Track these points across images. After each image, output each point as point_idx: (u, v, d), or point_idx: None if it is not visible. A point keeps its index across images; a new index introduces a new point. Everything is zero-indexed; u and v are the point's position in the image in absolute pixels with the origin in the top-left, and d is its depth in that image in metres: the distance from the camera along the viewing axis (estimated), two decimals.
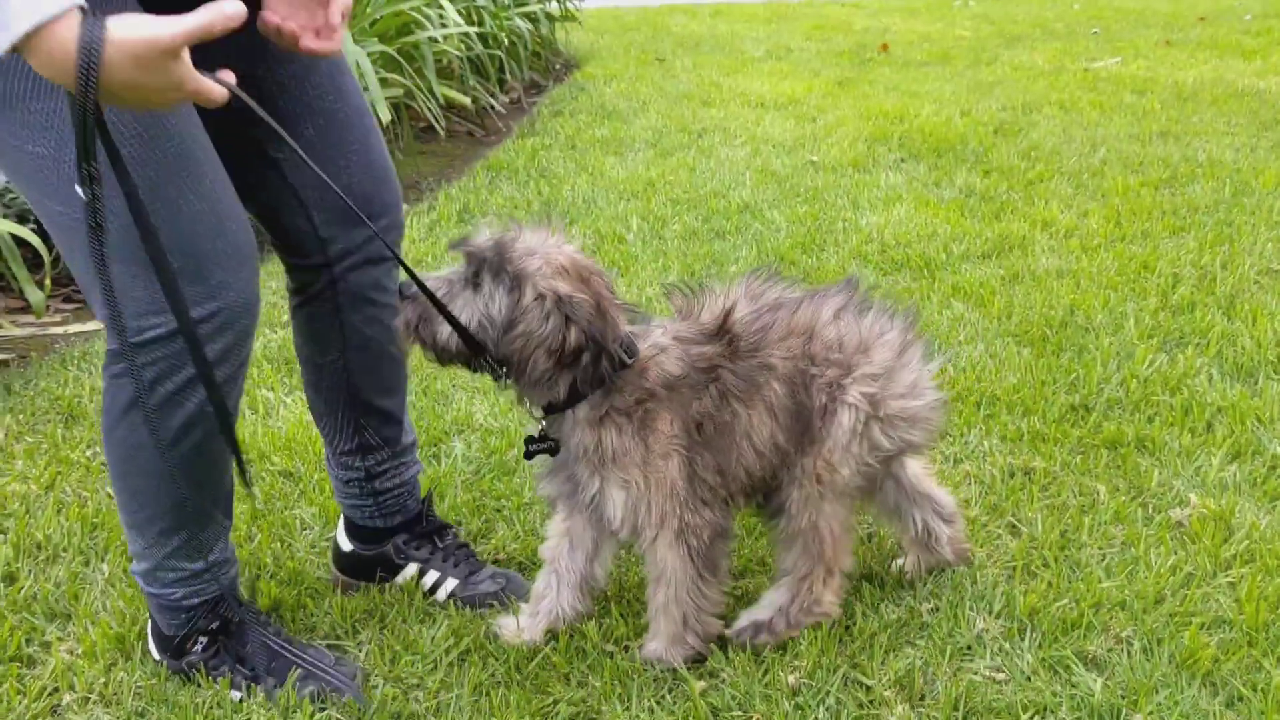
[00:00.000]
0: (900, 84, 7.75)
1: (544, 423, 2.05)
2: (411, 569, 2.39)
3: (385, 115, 4.95)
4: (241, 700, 2.05)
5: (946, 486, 2.64)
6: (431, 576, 2.38)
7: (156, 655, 2.15)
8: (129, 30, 1.43)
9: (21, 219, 4.06)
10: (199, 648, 2.10)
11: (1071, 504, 2.62)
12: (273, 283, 3.83)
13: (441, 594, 2.36)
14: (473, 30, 6.48)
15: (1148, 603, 2.25)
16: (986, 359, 3.36)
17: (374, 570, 2.40)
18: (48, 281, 3.93)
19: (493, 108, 6.69)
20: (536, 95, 7.66)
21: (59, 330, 3.90)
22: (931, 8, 12.36)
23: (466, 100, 6.26)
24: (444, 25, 6.08)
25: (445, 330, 1.91)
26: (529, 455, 2.07)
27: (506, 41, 7.33)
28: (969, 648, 2.16)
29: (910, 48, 9.38)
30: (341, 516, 2.43)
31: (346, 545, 2.41)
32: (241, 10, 1.48)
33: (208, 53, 1.55)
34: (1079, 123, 6.42)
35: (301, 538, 2.59)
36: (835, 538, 2.13)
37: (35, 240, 3.89)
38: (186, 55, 1.48)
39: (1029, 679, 2.07)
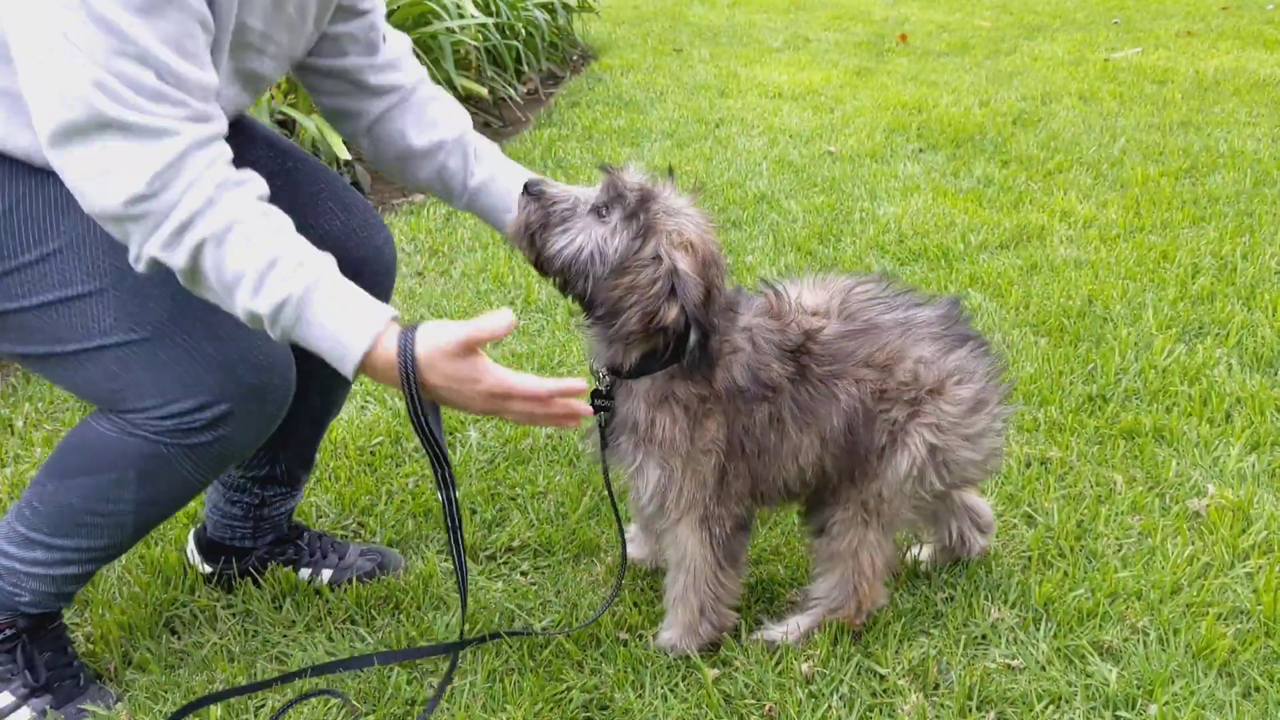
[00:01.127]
0: (919, 74, 7.70)
1: (604, 382, 1.99)
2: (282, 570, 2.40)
3: None
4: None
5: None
6: (305, 573, 2.39)
7: None
8: (430, 332, 1.68)
9: None
10: None
11: (1088, 494, 2.60)
12: None
13: (324, 581, 2.37)
14: (490, 21, 6.48)
15: (1164, 593, 2.24)
16: (1004, 348, 3.34)
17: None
18: None
19: (510, 98, 6.68)
20: (554, 86, 7.65)
21: None
22: None
23: (484, 91, 6.25)
24: (461, 16, 6.07)
25: (561, 243, 1.84)
26: (595, 409, 1.99)
27: (524, 32, 7.32)
28: (984, 637, 2.15)
29: (929, 38, 9.33)
30: (194, 530, 2.41)
31: (196, 559, 2.40)
32: (513, 321, 1.71)
33: None
34: (1099, 113, 6.37)
35: (317, 526, 2.59)
36: (875, 571, 2.11)
37: None
38: (483, 356, 1.71)
39: (1044, 668, 2.06)
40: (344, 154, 4.75)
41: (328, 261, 1.66)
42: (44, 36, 1.45)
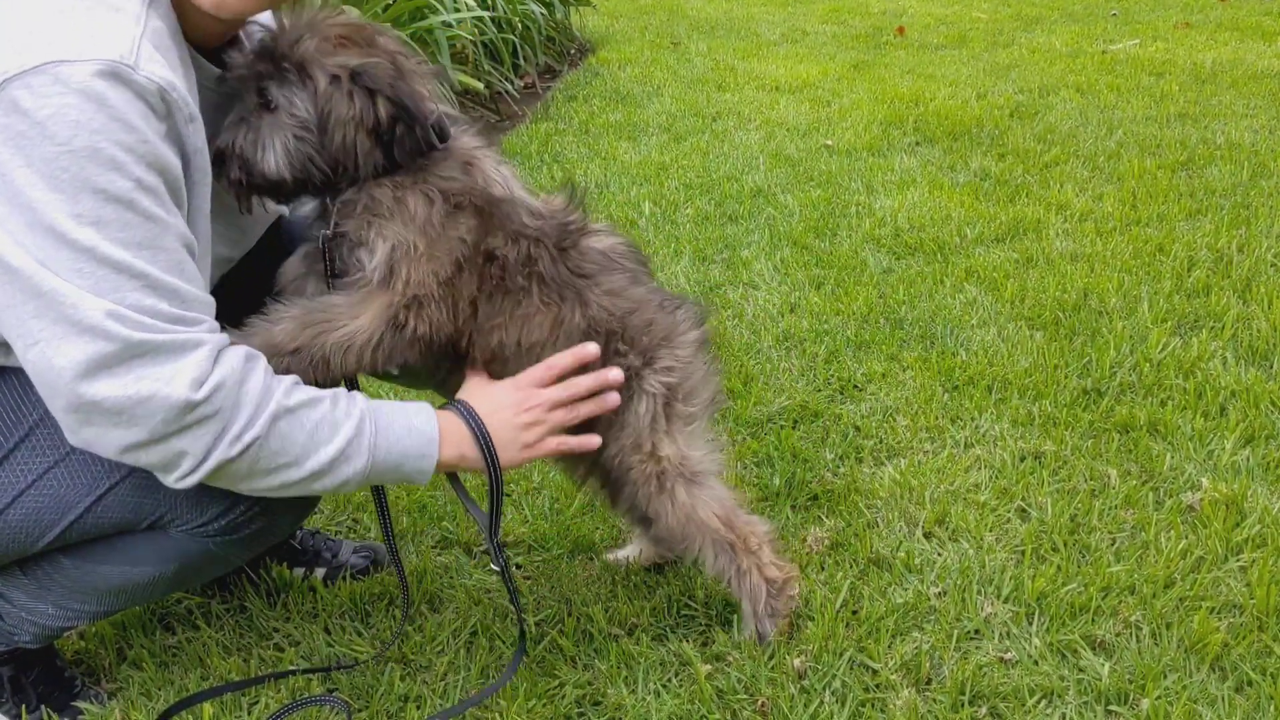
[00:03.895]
0: (916, 67, 7.70)
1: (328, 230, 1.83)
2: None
3: None
4: None
5: (957, 471, 2.65)
6: (299, 570, 2.39)
7: None
8: (478, 395, 1.85)
9: None
10: None
11: (1082, 488, 2.61)
12: None
13: (318, 578, 2.38)
14: (486, 15, 6.47)
15: (1157, 587, 2.24)
16: (999, 343, 3.34)
17: None
18: None
19: (507, 93, 6.67)
20: (551, 80, 7.64)
21: None
22: None
23: (480, 85, 6.24)
24: (457, 10, 6.06)
25: (269, 158, 1.73)
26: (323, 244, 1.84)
27: (520, 26, 7.30)
28: (976, 632, 2.15)
29: (927, 31, 9.32)
30: None
31: None
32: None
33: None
34: (1096, 105, 6.36)
35: (311, 524, 2.60)
36: (725, 512, 2.05)
37: None
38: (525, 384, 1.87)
39: (1036, 663, 2.06)
40: None
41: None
42: (50, 282, 1.43)
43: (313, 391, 1.66)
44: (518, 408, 1.85)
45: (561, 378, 1.88)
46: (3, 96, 1.39)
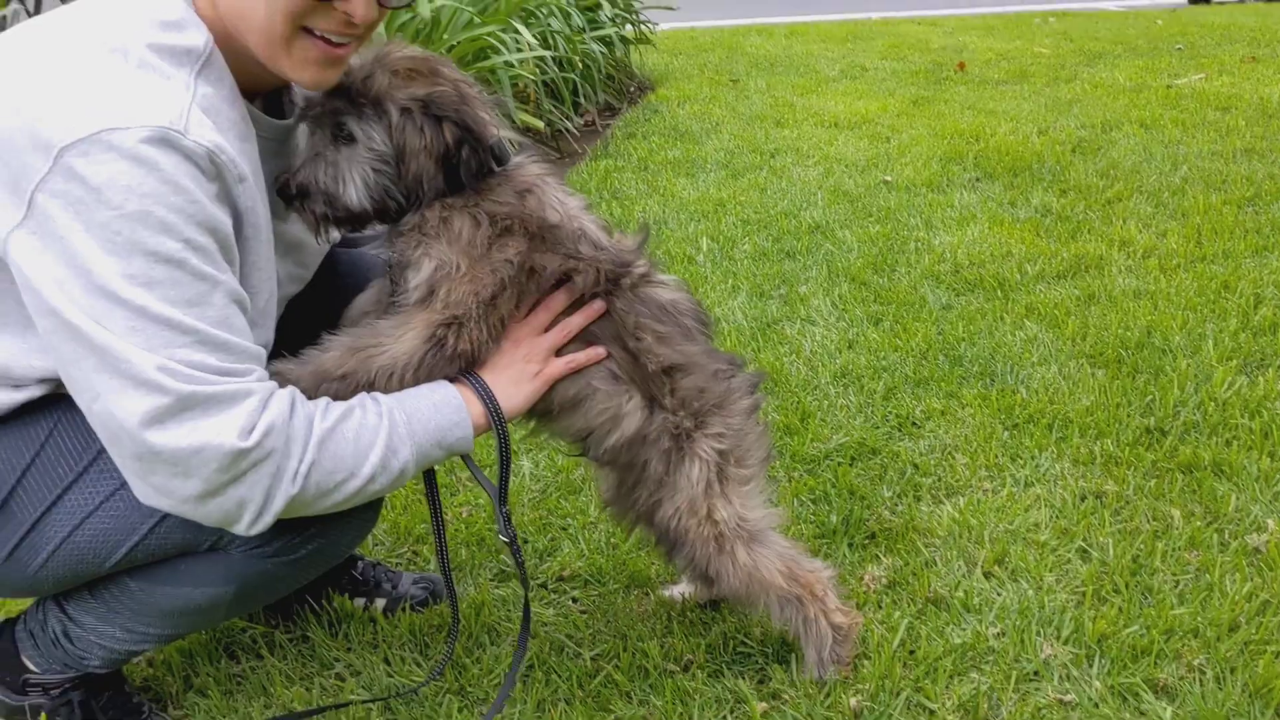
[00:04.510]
0: (977, 102, 7.67)
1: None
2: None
3: None
4: None
5: (1017, 510, 2.62)
6: (359, 601, 2.43)
7: None
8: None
9: None
10: (47, 694, 2.04)
11: (1144, 529, 2.57)
12: None
13: (378, 609, 2.42)
14: (548, 55, 6.57)
15: (1221, 630, 2.20)
16: (1060, 380, 3.32)
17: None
18: None
19: (567, 130, 6.76)
20: (610, 118, 7.73)
21: None
22: (1010, 25, 12.22)
23: (541, 124, 6.33)
24: (520, 50, 6.17)
25: (349, 191, 1.80)
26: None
27: (581, 65, 7.40)
28: (1036, 673, 2.13)
29: (987, 66, 9.28)
30: None
31: None
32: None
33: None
34: (1160, 140, 6.30)
35: (373, 555, 2.64)
36: (787, 565, 2.06)
37: None
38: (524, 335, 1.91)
39: (1097, 706, 2.04)
40: None
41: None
42: (107, 339, 1.50)
43: (341, 406, 1.72)
44: (523, 359, 1.90)
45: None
46: (60, 164, 1.47)
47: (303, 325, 1.94)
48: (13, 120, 1.50)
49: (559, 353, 1.92)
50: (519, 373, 1.89)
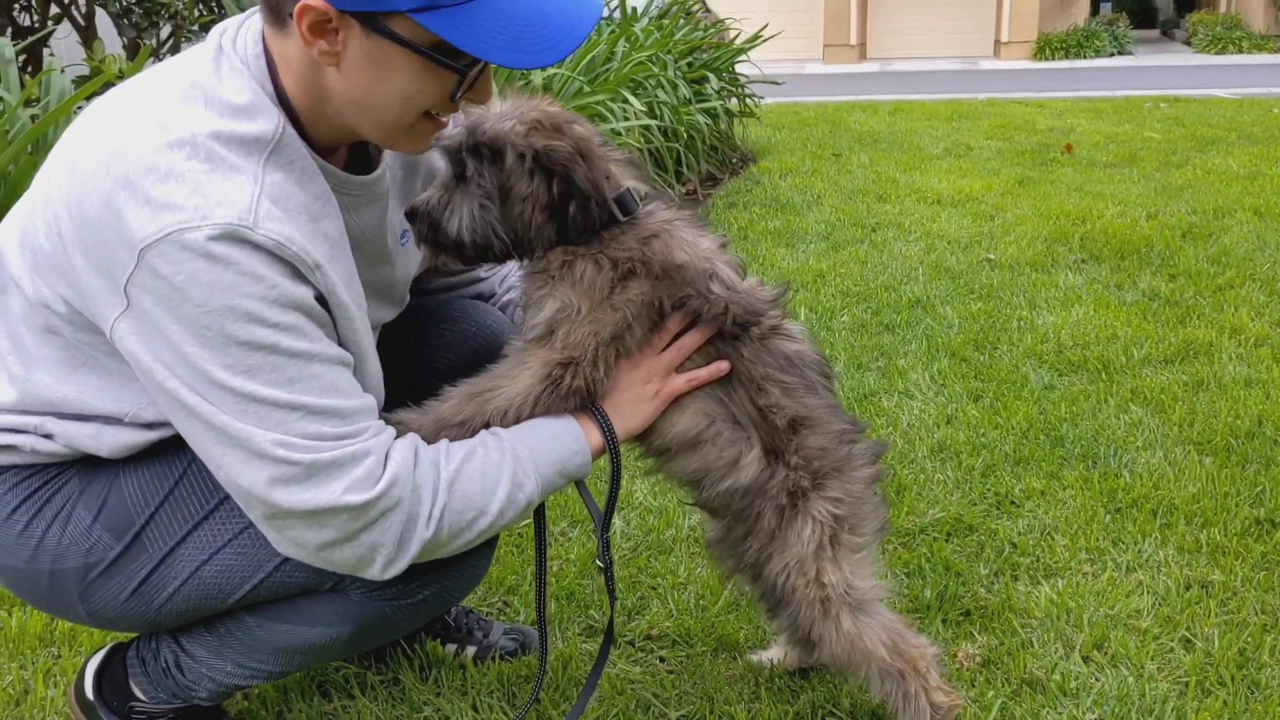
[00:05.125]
0: (1083, 185, 7.59)
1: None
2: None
3: None
4: None
5: (1118, 595, 2.56)
6: (451, 648, 2.45)
7: (90, 694, 2.10)
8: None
9: None
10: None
11: (1252, 621, 2.49)
12: None
13: (468, 657, 2.44)
14: (654, 124, 6.69)
15: None
16: (1165, 466, 3.24)
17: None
18: None
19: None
20: (712, 188, 7.82)
21: None
22: (1119, 109, 12.09)
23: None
24: (626, 119, 6.30)
25: (452, 224, 1.87)
26: None
27: (686, 135, 7.52)
28: None
29: (1095, 149, 9.19)
30: None
31: None
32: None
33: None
34: (1275, 229, 6.15)
35: (465, 604, 2.67)
36: (891, 639, 2.02)
37: None
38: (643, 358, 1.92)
39: None
40: None
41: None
42: (221, 419, 1.59)
43: (464, 447, 1.77)
44: (641, 380, 1.92)
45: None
46: (144, 262, 1.54)
47: (396, 343, 2.03)
48: (104, 212, 1.56)
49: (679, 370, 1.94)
50: (638, 394, 1.91)
